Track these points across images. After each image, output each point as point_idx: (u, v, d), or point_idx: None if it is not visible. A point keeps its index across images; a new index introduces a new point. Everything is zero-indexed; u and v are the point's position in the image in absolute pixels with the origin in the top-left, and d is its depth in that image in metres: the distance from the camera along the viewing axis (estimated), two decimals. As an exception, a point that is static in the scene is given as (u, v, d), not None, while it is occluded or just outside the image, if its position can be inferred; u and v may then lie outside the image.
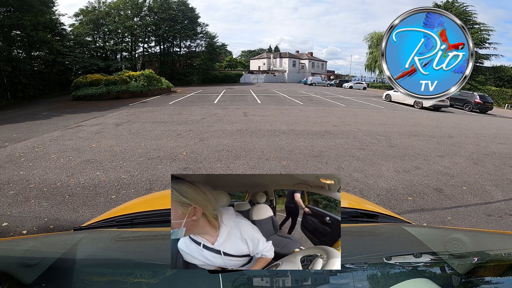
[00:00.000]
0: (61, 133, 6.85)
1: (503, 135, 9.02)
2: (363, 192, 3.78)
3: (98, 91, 14.97)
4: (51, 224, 2.82)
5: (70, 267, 0.64)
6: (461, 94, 17.72)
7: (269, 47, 66.57)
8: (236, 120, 8.70)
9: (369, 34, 39.55)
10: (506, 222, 3.19)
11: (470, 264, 0.65)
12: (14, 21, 15.48)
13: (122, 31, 29.01)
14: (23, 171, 4.16)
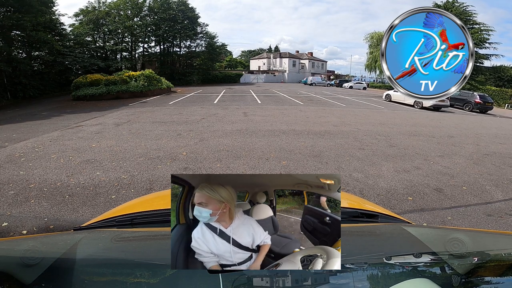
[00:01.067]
0: (61, 133, 6.85)
1: (503, 135, 9.02)
2: (363, 192, 3.78)
3: (98, 91, 14.96)
4: (51, 224, 2.82)
5: (70, 267, 0.64)
6: (461, 94, 17.72)
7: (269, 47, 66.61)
8: (236, 120, 8.70)
9: (369, 34, 39.61)
10: (506, 222, 3.19)
11: (470, 264, 0.65)
12: (14, 21, 15.48)
13: (122, 31, 29.01)
14: (23, 171, 4.16)
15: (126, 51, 30.38)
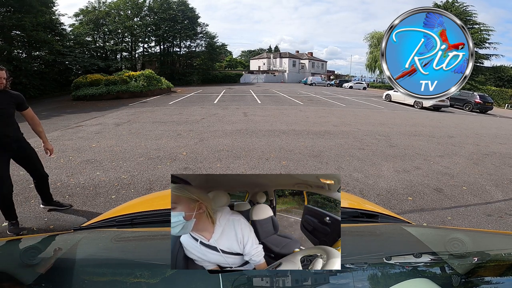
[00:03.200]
0: (61, 133, 6.84)
1: (503, 135, 9.02)
2: (363, 192, 3.78)
3: (98, 91, 14.95)
4: (51, 224, 2.82)
5: (70, 267, 0.64)
6: (461, 94, 17.72)
7: (269, 47, 66.61)
8: (236, 120, 8.70)
9: (370, 34, 39.64)
10: (506, 222, 3.19)
11: (470, 264, 0.65)
12: (15, 21, 15.49)
13: (122, 31, 29.02)
14: (23, 171, 4.14)
15: (126, 51, 30.38)
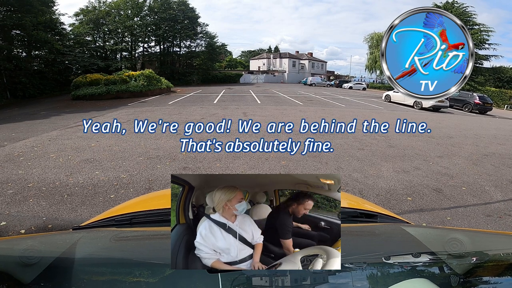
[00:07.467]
0: (60, 133, 6.84)
1: (502, 136, 9.03)
2: (362, 192, 3.78)
3: (98, 90, 14.94)
4: (50, 224, 2.81)
5: (69, 267, 0.64)
6: (461, 95, 17.74)
7: (269, 47, 66.42)
8: (236, 120, 8.69)
9: (370, 34, 39.72)
10: (505, 222, 3.19)
11: (469, 264, 0.65)
12: (15, 21, 15.48)
13: (122, 31, 28.99)
14: (22, 170, 4.15)
15: (126, 51, 30.36)
